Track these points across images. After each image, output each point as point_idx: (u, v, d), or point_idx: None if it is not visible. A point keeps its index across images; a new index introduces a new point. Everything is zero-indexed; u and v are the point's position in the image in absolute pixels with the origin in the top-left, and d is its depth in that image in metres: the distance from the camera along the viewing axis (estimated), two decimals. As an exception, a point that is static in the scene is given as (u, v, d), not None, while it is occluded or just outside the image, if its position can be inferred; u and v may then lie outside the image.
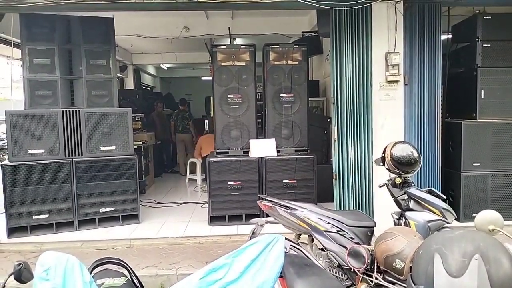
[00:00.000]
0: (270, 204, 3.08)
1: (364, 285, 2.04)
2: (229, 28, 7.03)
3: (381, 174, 3.37)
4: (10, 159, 4.75)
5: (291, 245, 2.81)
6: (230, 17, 7.14)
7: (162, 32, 7.33)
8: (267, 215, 3.26)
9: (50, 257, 1.58)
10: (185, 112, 9.26)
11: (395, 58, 4.57)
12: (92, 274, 1.89)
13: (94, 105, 5.09)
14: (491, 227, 1.82)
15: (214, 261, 1.74)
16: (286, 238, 2.57)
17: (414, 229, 2.54)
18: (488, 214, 1.87)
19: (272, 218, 3.14)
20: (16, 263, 1.60)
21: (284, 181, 5.13)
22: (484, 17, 4.88)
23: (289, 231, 3.12)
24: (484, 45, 4.88)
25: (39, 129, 4.79)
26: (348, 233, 2.79)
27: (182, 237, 4.76)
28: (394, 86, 4.69)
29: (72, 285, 1.55)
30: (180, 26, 7.23)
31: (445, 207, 2.67)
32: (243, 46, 5.45)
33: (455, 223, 3.39)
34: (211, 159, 5.13)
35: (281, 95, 5.32)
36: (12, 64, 5.49)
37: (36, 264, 1.56)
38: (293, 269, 2.01)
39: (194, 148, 8.58)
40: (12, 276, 1.60)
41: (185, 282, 1.67)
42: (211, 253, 4.28)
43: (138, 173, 5.39)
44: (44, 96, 4.93)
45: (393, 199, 2.90)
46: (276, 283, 1.85)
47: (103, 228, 5.03)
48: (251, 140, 5.28)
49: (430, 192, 2.79)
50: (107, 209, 5.08)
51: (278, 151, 5.26)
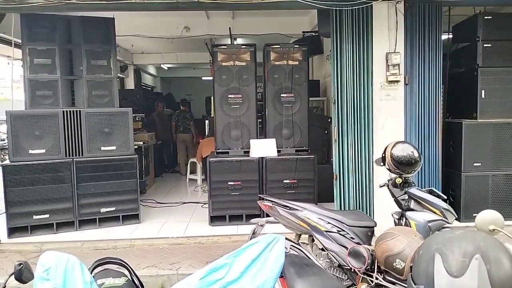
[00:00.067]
0: (271, 204, 3.08)
1: (365, 285, 2.04)
2: (230, 28, 7.04)
3: (382, 174, 3.37)
4: (11, 159, 4.75)
5: (292, 245, 2.81)
6: (231, 17, 7.14)
7: (163, 32, 7.33)
8: (268, 215, 3.26)
9: (51, 257, 1.58)
10: (186, 113, 9.29)
11: (396, 58, 4.57)
12: (93, 274, 1.89)
13: (95, 105, 5.10)
14: (492, 227, 1.82)
15: (215, 261, 1.74)
16: (287, 238, 2.57)
17: (415, 229, 2.53)
18: (489, 214, 1.87)
19: (273, 218, 3.14)
20: (17, 263, 1.60)
21: (285, 181, 5.13)
22: (485, 17, 4.88)
23: (290, 231, 3.12)
24: (485, 45, 4.88)
25: (40, 129, 4.79)
26: (349, 233, 2.79)
27: (183, 237, 4.76)
28: (395, 86, 4.69)
29: (73, 285, 1.56)
30: (181, 26, 7.23)
31: (446, 207, 2.67)
32: (244, 46, 5.45)
33: (456, 223, 3.39)
34: (212, 159, 5.13)
35: (282, 95, 5.32)
36: (13, 64, 5.50)
37: (37, 264, 1.56)
38: (294, 269, 2.01)
39: (195, 148, 8.59)
40: (13, 276, 1.61)
41: (186, 282, 1.68)
42: (212, 253, 4.28)
43: (139, 173, 5.40)
44: (45, 96, 4.94)
45: (394, 199, 2.90)
46: (277, 283, 1.85)
47: (104, 228, 5.04)
48: (252, 140, 5.28)
49: (431, 192, 2.78)
50: (108, 209, 5.09)
51: (279, 151, 5.26)
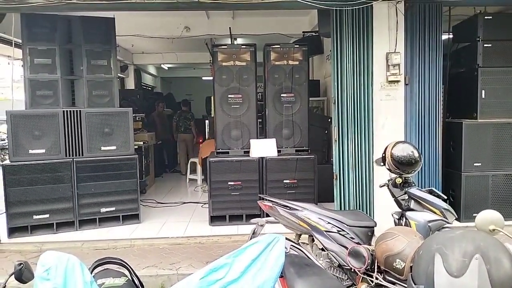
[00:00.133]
0: (271, 204, 3.08)
1: (365, 285, 2.04)
2: (230, 28, 7.04)
3: (382, 174, 3.38)
4: (11, 159, 4.75)
5: (292, 245, 2.81)
6: (231, 17, 7.14)
7: (163, 32, 7.33)
8: (268, 215, 3.26)
9: (51, 257, 1.58)
10: (188, 113, 9.34)
11: (396, 58, 4.57)
12: (93, 274, 1.89)
13: (95, 105, 5.10)
14: (492, 227, 1.82)
15: (215, 261, 1.74)
16: (287, 238, 2.57)
17: (415, 229, 2.53)
18: (489, 214, 1.87)
19: (273, 218, 3.14)
20: (17, 263, 1.60)
21: (285, 181, 5.13)
22: (485, 17, 4.88)
23: (290, 231, 3.12)
24: (485, 45, 4.88)
25: (40, 129, 4.79)
26: (349, 233, 2.79)
27: (183, 237, 4.76)
28: (395, 86, 4.69)
29: (73, 285, 1.56)
30: (181, 26, 7.23)
31: (446, 207, 2.66)
32: (244, 46, 5.45)
33: (456, 223, 3.39)
34: (212, 159, 5.13)
35: (282, 95, 5.32)
36: (13, 64, 5.51)
37: (37, 264, 1.56)
38: (294, 269, 2.01)
39: (195, 148, 8.62)
40: (13, 276, 1.61)
41: (186, 282, 1.68)
42: (212, 253, 4.28)
43: (139, 173, 5.39)
44: (45, 96, 4.94)
45: (394, 199, 2.90)
46: (277, 283, 1.85)
47: (104, 228, 5.04)
48: (252, 140, 5.28)
49: (431, 192, 2.78)
50: (108, 209, 5.09)
51: (279, 151, 5.26)
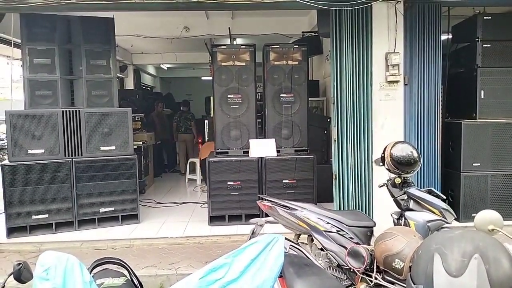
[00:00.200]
0: (270, 204, 3.08)
1: (364, 285, 2.04)
2: (229, 28, 7.04)
3: (381, 174, 3.37)
4: (10, 159, 4.74)
5: (291, 245, 2.81)
6: (230, 17, 7.14)
7: (162, 32, 7.32)
8: (267, 215, 3.26)
9: (50, 257, 1.58)
10: (188, 113, 9.39)
11: (395, 58, 4.58)
12: (92, 274, 1.89)
13: (94, 105, 5.09)
14: (491, 227, 1.82)
15: (214, 261, 1.74)
16: (286, 238, 2.57)
17: (414, 229, 2.53)
18: (488, 214, 1.87)
19: (272, 218, 3.14)
20: (16, 263, 1.60)
21: (284, 181, 5.13)
22: (484, 17, 4.88)
23: (289, 231, 3.11)
24: (484, 45, 4.89)
25: (39, 129, 4.79)
26: (348, 233, 2.79)
27: (182, 237, 4.76)
28: (394, 86, 4.69)
29: (72, 285, 1.55)
30: (180, 26, 7.23)
31: (445, 207, 2.66)
32: (243, 46, 5.45)
33: (455, 223, 3.40)
34: (211, 159, 5.13)
35: (281, 95, 5.32)
36: (12, 64, 5.50)
37: (36, 264, 1.56)
38: (293, 269, 2.01)
39: (195, 148, 8.65)
40: (12, 276, 1.60)
41: (185, 282, 1.67)
42: (211, 253, 4.28)
43: (138, 173, 5.39)
44: (44, 96, 4.93)
45: (393, 199, 2.90)
46: (276, 283, 1.85)
47: (103, 228, 5.03)
48: (251, 140, 5.28)
49: (430, 192, 2.78)
50: (107, 209, 5.08)
51: (278, 151, 5.26)
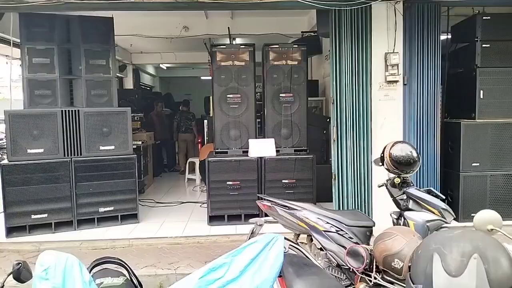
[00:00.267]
0: (269, 204, 3.08)
1: (363, 285, 2.04)
2: (229, 28, 7.04)
3: (380, 174, 3.37)
4: (9, 159, 4.74)
5: (290, 245, 2.81)
6: (230, 17, 7.14)
7: (162, 32, 7.33)
8: (266, 215, 3.26)
9: (50, 257, 1.58)
10: (189, 113, 9.42)
11: (395, 58, 4.58)
12: (91, 274, 1.89)
13: (93, 105, 5.09)
14: (490, 227, 1.83)
15: (214, 261, 1.74)
16: (285, 238, 2.56)
17: (413, 229, 2.53)
18: (487, 214, 1.87)
19: (271, 218, 3.14)
20: (15, 263, 1.60)
21: (283, 181, 5.12)
22: (484, 17, 4.88)
23: (288, 231, 3.12)
24: (483, 45, 4.89)
25: (38, 129, 4.78)
26: (347, 233, 2.79)
27: (181, 237, 4.76)
28: (394, 86, 4.70)
29: (72, 285, 1.56)
30: (180, 26, 7.23)
31: (444, 207, 2.66)
32: (243, 46, 5.45)
33: (454, 223, 3.39)
34: (211, 159, 5.13)
35: (281, 95, 5.32)
36: (11, 64, 5.49)
37: (36, 264, 1.56)
38: (292, 269, 2.00)
39: (195, 148, 8.68)
40: (11, 276, 1.60)
41: (185, 281, 1.68)
42: (210, 253, 4.28)
43: (137, 173, 5.39)
44: (43, 96, 4.93)
45: (392, 199, 2.90)
46: (275, 283, 1.85)
47: (102, 228, 5.03)
48: (250, 140, 5.28)
49: (429, 192, 2.79)
50: (106, 209, 5.08)
51: (277, 151, 5.25)
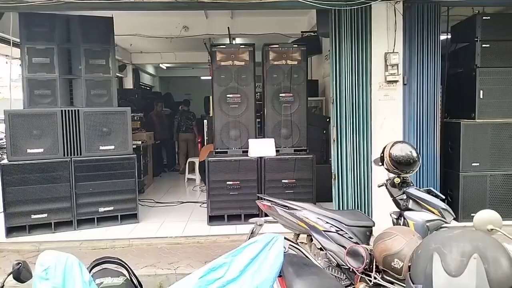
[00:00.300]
0: (269, 204, 3.08)
1: (363, 285, 2.04)
2: (229, 28, 7.04)
3: (380, 174, 3.37)
4: (9, 159, 4.73)
5: (290, 245, 2.81)
6: (230, 17, 7.14)
7: (162, 32, 7.33)
8: (266, 215, 3.26)
9: (50, 257, 1.58)
10: (189, 113, 9.46)
11: (394, 58, 4.58)
12: (91, 274, 1.89)
13: (93, 105, 5.09)
14: (490, 227, 1.83)
15: (213, 260, 1.74)
16: (285, 238, 2.57)
17: (413, 229, 2.53)
18: (487, 214, 1.87)
19: (271, 218, 3.14)
20: (15, 263, 1.60)
21: (283, 181, 5.12)
22: (483, 18, 4.88)
23: (288, 231, 3.12)
24: (483, 45, 4.89)
25: (38, 129, 4.78)
26: (347, 233, 2.79)
27: (181, 237, 4.76)
28: (393, 86, 4.70)
29: (72, 285, 1.56)
30: (180, 26, 7.23)
31: (444, 207, 2.67)
32: (243, 46, 5.45)
33: (454, 223, 3.39)
34: (210, 159, 5.13)
35: (280, 95, 5.32)
36: (11, 63, 5.48)
37: (36, 264, 1.56)
38: (292, 269, 2.00)
39: (196, 148, 8.68)
40: (11, 276, 1.60)
41: (185, 281, 1.68)
42: (210, 253, 4.28)
43: (137, 173, 5.39)
44: (43, 95, 4.93)
45: (392, 199, 2.90)
46: (275, 283, 1.85)
47: (102, 228, 5.03)
48: (250, 140, 5.28)
49: (429, 192, 2.79)
50: (106, 209, 5.08)
51: (277, 151, 5.25)
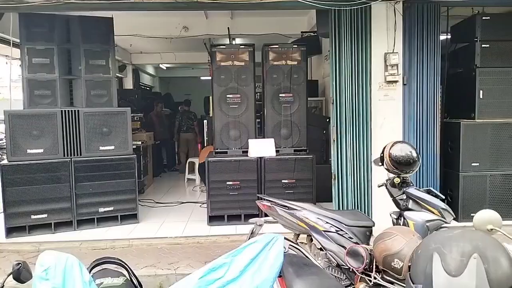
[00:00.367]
0: (269, 204, 3.08)
1: (363, 285, 2.04)
2: (228, 28, 7.04)
3: (380, 174, 3.38)
4: (9, 159, 4.73)
5: (290, 245, 2.81)
6: (230, 17, 7.14)
7: (162, 32, 7.32)
8: (266, 215, 3.26)
9: (50, 257, 1.58)
10: (190, 113, 9.49)
11: (394, 58, 4.58)
12: (91, 274, 1.89)
13: (93, 105, 5.09)
14: (490, 227, 1.83)
15: (213, 261, 1.74)
16: (285, 238, 2.57)
17: (413, 229, 2.53)
18: (487, 214, 1.88)
19: (271, 218, 3.14)
20: (15, 263, 1.60)
21: (283, 181, 5.12)
22: (483, 18, 4.89)
23: (288, 231, 3.12)
24: (483, 46, 4.89)
25: (38, 129, 4.78)
26: (347, 233, 2.79)
27: (181, 237, 4.76)
28: (393, 86, 4.70)
29: (72, 285, 1.56)
30: (180, 26, 7.23)
31: (444, 207, 2.67)
32: (242, 46, 5.45)
33: (454, 223, 3.39)
34: (210, 159, 5.13)
35: (280, 95, 5.32)
36: (11, 64, 5.48)
37: (36, 264, 1.56)
38: (292, 269, 2.01)
39: (196, 148, 8.70)
40: (11, 276, 1.60)
41: (185, 282, 1.68)
42: (210, 253, 4.28)
43: (137, 173, 5.39)
44: (43, 96, 4.93)
45: (392, 199, 2.90)
46: (275, 283, 1.85)
47: (102, 228, 5.03)
48: (250, 140, 5.28)
49: (429, 192, 2.79)
50: (106, 209, 5.08)
51: (277, 151, 5.25)
